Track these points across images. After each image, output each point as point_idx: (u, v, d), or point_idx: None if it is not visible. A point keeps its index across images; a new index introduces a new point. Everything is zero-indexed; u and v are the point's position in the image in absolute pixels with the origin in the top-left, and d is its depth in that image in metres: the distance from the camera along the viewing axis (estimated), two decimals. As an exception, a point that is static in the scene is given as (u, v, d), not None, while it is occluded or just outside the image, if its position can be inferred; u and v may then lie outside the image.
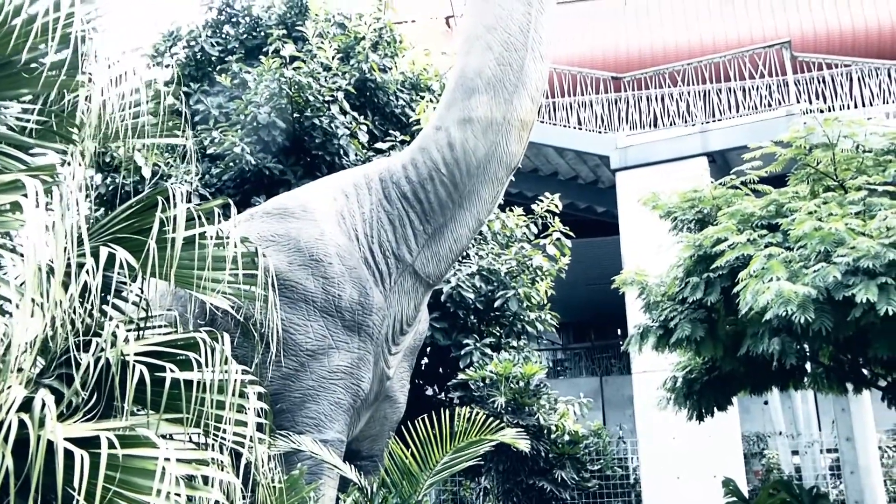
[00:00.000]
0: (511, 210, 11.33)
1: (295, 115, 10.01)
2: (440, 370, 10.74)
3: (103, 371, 3.41)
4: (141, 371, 3.36)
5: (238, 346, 5.14)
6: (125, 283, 4.26)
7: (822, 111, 7.54)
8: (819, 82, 16.76)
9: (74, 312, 3.35)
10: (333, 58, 10.93)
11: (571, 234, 11.10)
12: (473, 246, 10.46)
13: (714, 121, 15.92)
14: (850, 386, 8.21)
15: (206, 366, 3.54)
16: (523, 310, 10.21)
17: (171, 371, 3.48)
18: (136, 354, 3.49)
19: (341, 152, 10.20)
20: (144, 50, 12.19)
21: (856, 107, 15.76)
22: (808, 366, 8.31)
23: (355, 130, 10.45)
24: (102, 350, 3.44)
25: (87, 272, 3.41)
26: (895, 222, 5.68)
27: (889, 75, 16.14)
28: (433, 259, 6.16)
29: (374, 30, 11.80)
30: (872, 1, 20.95)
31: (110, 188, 10.42)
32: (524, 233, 11.08)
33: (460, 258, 9.31)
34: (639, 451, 13.93)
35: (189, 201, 3.97)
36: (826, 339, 6.21)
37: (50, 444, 2.90)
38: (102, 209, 9.87)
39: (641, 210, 8.34)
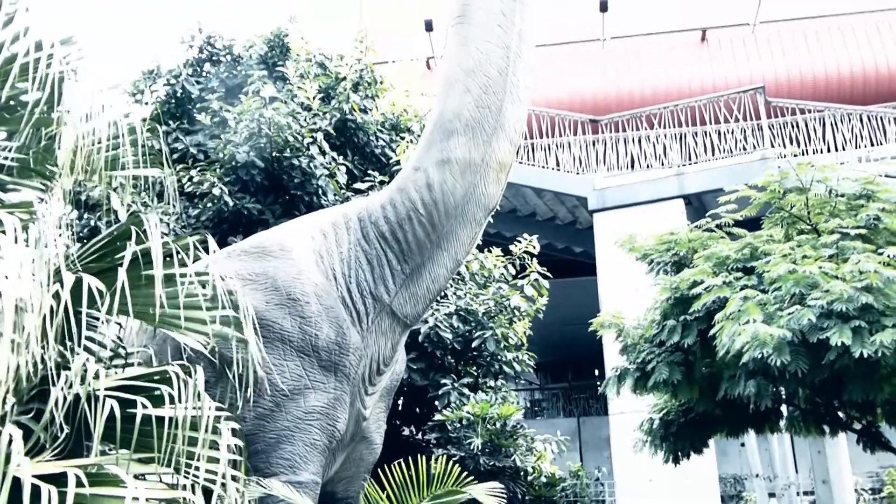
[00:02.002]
0: (489, 250, 11.36)
1: (274, 154, 10.01)
2: (417, 410, 10.67)
3: (71, 406, 3.36)
4: (112, 407, 3.31)
5: (213, 385, 5.09)
6: (97, 319, 4.22)
7: (795, 155, 7.66)
8: (792, 127, 17.05)
9: (45, 346, 3.30)
10: (314, 98, 10.97)
11: (549, 274, 11.14)
12: (451, 286, 10.46)
13: (690, 163, 16.12)
14: (826, 429, 8.24)
15: (179, 401, 3.49)
16: (501, 350, 10.19)
17: (144, 406, 3.43)
18: (107, 389, 3.44)
19: (320, 192, 10.19)
20: (124, 87, 12.18)
21: (829, 151, 16.05)
22: (783, 408, 8.34)
23: (334, 171, 10.47)
24: (72, 385, 3.39)
25: (57, 300, 3.37)
26: (868, 266, 5.75)
27: (860, 120, 16.45)
28: (411, 299, 6.15)
29: (354, 71, 11.87)
30: (844, 48, 21.42)
31: (86, 228, 10.34)
32: (502, 273, 11.10)
33: (438, 298, 9.30)
34: (616, 493, 13.86)
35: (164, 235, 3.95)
36: (801, 382, 6.25)
37: (17, 480, 2.85)
38: (78, 245, 9.77)
39: (619, 251, 8.40)
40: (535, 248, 11.17)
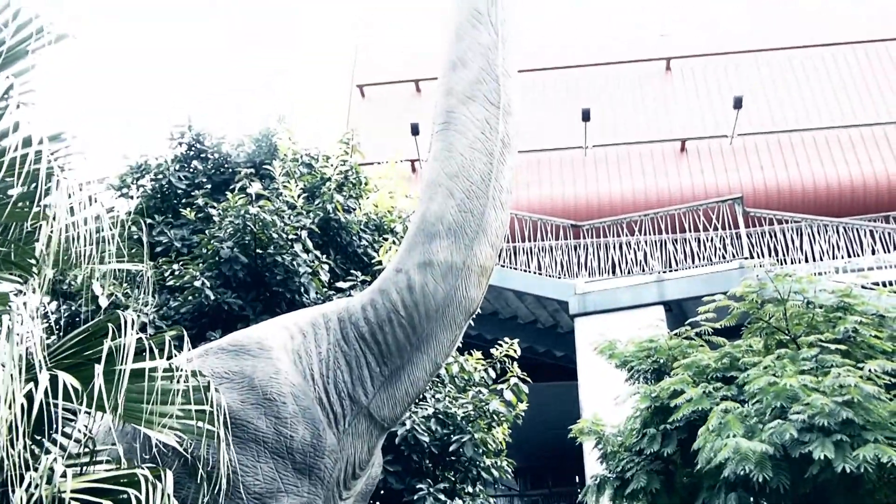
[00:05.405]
0: (470, 353, 11.29)
1: (258, 251, 10.03)
2: (392, 516, 10.40)
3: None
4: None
5: (183, 486, 4.95)
6: (72, 418, 4.14)
7: (773, 265, 7.78)
8: (770, 236, 17.34)
9: (12, 445, 3.22)
10: (299, 196, 11.08)
11: (529, 379, 11.05)
12: (430, 388, 10.34)
13: (670, 270, 16.28)
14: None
15: (148, 506, 3.41)
16: (479, 455, 10.01)
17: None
18: (73, 491, 3.35)
19: (302, 290, 10.18)
20: (110, 180, 12.25)
21: (806, 261, 16.27)
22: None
23: (317, 269, 10.48)
24: (37, 486, 3.30)
25: (29, 398, 3.31)
26: (848, 381, 5.77)
27: (837, 232, 16.77)
28: (389, 402, 6.07)
29: (339, 171, 12.03)
30: (819, 161, 22.00)
31: (65, 315, 10.24)
32: (482, 377, 11.00)
33: (416, 401, 9.18)
34: None
35: (143, 331, 3.92)
36: (784, 497, 6.18)
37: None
38: (55, 336, 9.64)
39: (599, 356, 8.39)
40: (516, 351, 11.12)
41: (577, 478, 23.30)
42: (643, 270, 16.50)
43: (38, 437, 3.82)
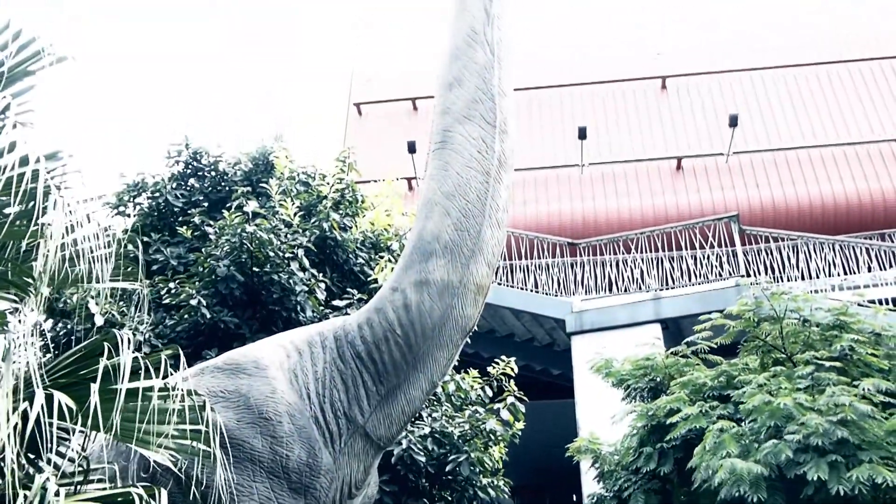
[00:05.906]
0: (466, 371, 11.27)
1: (254, 269, 10.03)
2: (388, 536, 10.34)
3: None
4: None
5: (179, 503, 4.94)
6: (66, 437, 4.13)
7: (769, 283, 7.79)
8: (767, 254, 17.38)
9: (6, 464, 3.22)
10: (295, 215, 11.09)
11: (525, 397, 11.03)
12: (427, 407, 10.31)
13: (667, 288, 16.29)
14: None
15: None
16: (476, 475, 9.97)
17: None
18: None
19: (298, 308, 10.18)
20: (107, 198, 12.26)
21: (802, 279, 16.29)
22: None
23: (313, 287, 10.48)
24: (32, 504, 3.30)
25: (24, 417, 3.30)
26: (842, 399, 5.76)
27: (833, 249, 16.81)
28: (385, 421, 6.06)
29: (336, 190, 12.06)
30: (815, 178, 22.09)
31: (61, 333, 10.22)
32: (479, 395, 10.98)
33: (413, 420, 9.15)
34: None
35: (139, 350, 3.92)
36: (779, 516, 6.16)
37: None
38: (50, 355, 9.61)
39: (596, 374, 8.39)
40: (512, 369, 11.10)
41: (574, 496, 23.18)
42: (640, 288, 16.51)
43: (33, 456, 3.80)
